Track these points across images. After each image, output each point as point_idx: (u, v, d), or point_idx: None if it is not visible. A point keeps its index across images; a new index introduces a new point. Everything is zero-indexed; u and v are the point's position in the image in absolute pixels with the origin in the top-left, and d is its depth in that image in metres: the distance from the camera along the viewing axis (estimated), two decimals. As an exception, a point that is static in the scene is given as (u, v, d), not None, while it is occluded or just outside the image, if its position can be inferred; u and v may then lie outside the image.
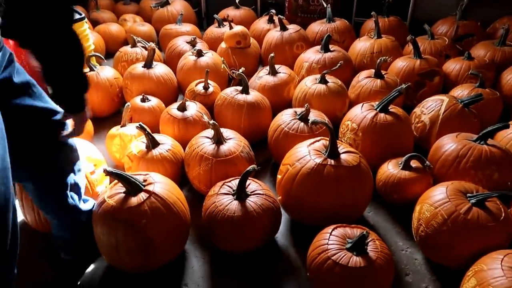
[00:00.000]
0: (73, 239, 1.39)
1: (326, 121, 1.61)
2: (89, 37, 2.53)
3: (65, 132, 1.23)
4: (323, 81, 2.04)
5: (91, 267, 1.43)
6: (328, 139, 1.52)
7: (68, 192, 1.30)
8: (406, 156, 1.60)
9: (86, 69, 2.26)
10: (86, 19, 2.47)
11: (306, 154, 1.49)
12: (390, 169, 1.63)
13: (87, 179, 1.53)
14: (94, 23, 3.27)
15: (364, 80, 2.10)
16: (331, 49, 2.34)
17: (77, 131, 1.24)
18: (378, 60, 2.04)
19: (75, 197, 1.34)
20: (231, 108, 1.95)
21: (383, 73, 2.10)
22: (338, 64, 2.04)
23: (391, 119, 1.72)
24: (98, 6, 3.42)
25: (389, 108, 1.77)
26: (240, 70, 2.15)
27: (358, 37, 2.74)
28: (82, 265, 1.43)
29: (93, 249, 1.37)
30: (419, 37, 2.48)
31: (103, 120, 2.31)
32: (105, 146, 1.97)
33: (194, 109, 1.95)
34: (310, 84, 2.05)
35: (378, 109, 1.76)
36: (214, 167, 1.59)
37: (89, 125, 2.06)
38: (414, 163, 1.61)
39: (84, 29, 2.45)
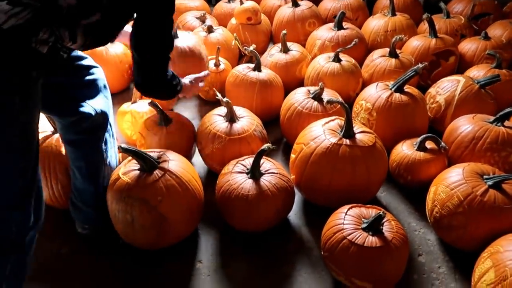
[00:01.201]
0: (97, 195, 1.38)
1: (340, 100, 1.59)
2: (97, 11, 2.48)
3: None
4: (336, 59, 2.00)
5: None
6: (343, 118, 1.51)
7: (105, 135, 1.37)
8: (421, 137, 1.58)
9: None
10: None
11: (321, 133, 1.47)
12: (405, 150, 1.61)
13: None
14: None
15: (378, 59, 2.06)
16: (344, 27, 2.28)
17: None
18: (393, 39, 1.99)
19: (108, 145, 1.39)
20: (243, 85, 1.92)
21: (397, 52, 2.06)
22: (353, 42, 1.99)
23: (406, 99, 1.70)
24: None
25: (404, 88, 1.74)
26: (251, 47, 2.11)
27: (371, 15, 2.68)
28: (97, 240, 1.45)
29: (108, 223, 1.37)
30: (434, 16, 2.42)
31: (113, 96, 2.27)
32: (115, 123, 1.96)
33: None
34: (323, 62, 2.01)
35: (393, 89, 1.73)
36: (227, 145, 1.58)
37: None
38: (429, 144, 1.60)
39: (92, 3, 2.40)
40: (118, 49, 2.26)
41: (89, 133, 1.30)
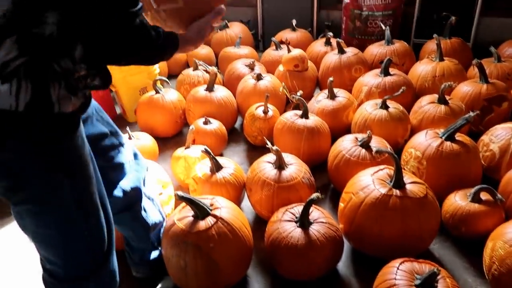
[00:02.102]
0: (148, 251, 1.46)
1: (391, 150, 1.60)
2: (155, 61, 2.68)
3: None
4: (384, 106, 2.02)
5: (159, 286, 1.50)
6: (392, 167, 1.51)
7: (142, 204, 1.38)
8: (476, 188, 1.54)
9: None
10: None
11: (370, 183, 1.48)
12: (458, 200, 1.57)
13: (156, 200, 1.62)
14: (157, 46, 3.45)
15: (427, 105, 2.05)
16: (391, 73, 2.31)
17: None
18: (442, 86, 1.99)
19: (148, 208, 1.41)
20: (291, 132, 1.98)
21: (447, 99, 2.04)
22: (401, 90, 2.01)
23: (458, 149, 1.67)
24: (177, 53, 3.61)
25: (455, 136, 1.72)
26: (298, 94, 2.19)
27: (418, 60, 2.69)
28: (151, 284, 1.51)
29: (162, 267, 1.44)
30: (484, 60, 2.39)
31: (167, 140, 2.43)
32: (169, 166, 2.07)
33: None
34: (370, 109, 2.04)
35: (443, 137, 1.71)
36: (276, 193, 1.62)
37: (154, 146, 2.18)
38: (484, 196, 1.55)
39: (151, 54, 2.60)
40: (173, 96, 2.42)
41: (124, 211, 1.30)
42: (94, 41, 0.84)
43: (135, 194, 1.32)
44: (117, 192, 1.24)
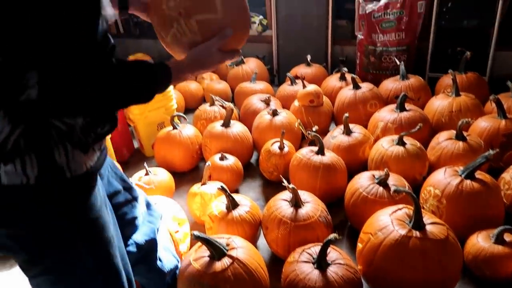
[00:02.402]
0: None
1: (409, 190, 1.58)
2: (173, 97, 2.75)
3: None
4: (400, 142, 2.01)
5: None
6: (410, 207, 1.48)
7: (157, 254, 1.38)
8: (499, 229, 1.50)
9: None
10: (171, 81, 2.70)
11: (389, 223, 1.45)
12: (481, 242, 1.53)
13: (172, 238, 1.62)
14: (175, 81, 3.54)
15: (444, 142, 2.03)
16: (407, 108, 2.31)
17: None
18: (460, 122, 1.97)
19: (163, 257, 1.41)
20: (307, 169, 1.98)
21: (465, 135, 2.02)
22: (417, 127, 2.00)
23: (478, 187, 1.64)
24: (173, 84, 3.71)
25: (475, 174, 1.69)
26: (314, 129, 2.20)
27: (433, 94, 2.69)
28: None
29: None
30: (502, 94, 2.37)
31: (183, 175, 2.45)
32: (185, 201, 2.08)
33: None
34: (387, 145, 2.03)
35: (463, 176, 1.68)
36: (292, 232, 1.60)
37: (170, 181, 2.20)
38: (508, 237, 1.50)
39: (169, 90, 2.68)
40: (190, 131, 2.46)
41: (139, 264, 1.28)
42: (81, 93, 0.76)
43: (150, 247, 1.30)
44: (131, 248, 1.22)
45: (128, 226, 1.21)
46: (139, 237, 1.25)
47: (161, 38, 1.11)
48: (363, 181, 1.81)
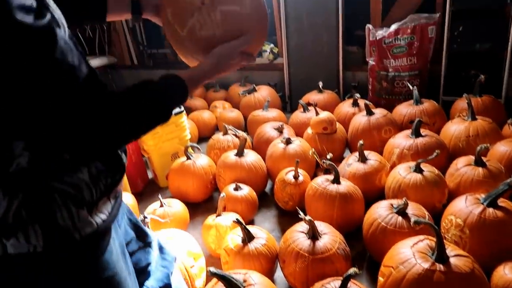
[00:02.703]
0: None
1: (430, 221, 1.53)
2: (186, 127, 2.77)
3: None
4: (418, 170, 1.97)
5: None
6: (432, 238, 1.44)
7: None
8: (527, 260, 1.44)
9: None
10: (184, 111, 2.73)
11: (411, 256, 1.40)
12: (508, 274, 1.46)
13: (187, 273, 1.59)
14: (188, 110, 3.58)
15: (463, 168, 1.98)
16: (422, 134, 2.28)
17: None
18: (478, 148, 1.93)
19: None
20: (323, 199, 1.94)
21: (484, 160, 1.98)
22: (434, 154, 1.96)
23: (502, 215, 1.58)
24: (191, 94, 3.77)
25: (498, 202, 1.64)
26: (328, 157, 2.18)
27: (449, 118, 2.66)
28: None
29: None
30: (519, 117, 2.33)
31: (197, 206, 2.43)
32: (199, 233, 2.05)
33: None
34: (404, 173, 1.99)
35: (485, 204, 1.63)
36: (310, 265, 1.56)
37: (185, 213, 2.18)
38: (537, 269, 1.43)
39: (182, 121, 2.70)
40: (204, 161, 2.46)
41: None
42: (79, 142, 0.69)
43: None
44: None
45: (141, 273, 1.16)
46: (153, 283, 1.19)
47: (173, 36, 0.99)
48: (381, 211, 1.76)
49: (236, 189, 2.18)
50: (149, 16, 1.08)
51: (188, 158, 2.44)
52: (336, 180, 2.00)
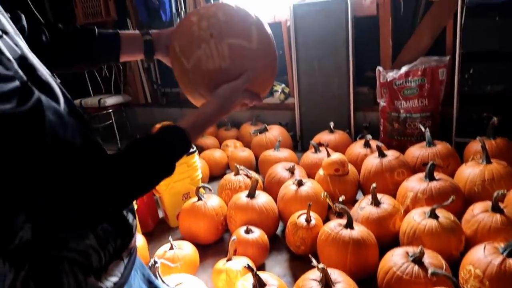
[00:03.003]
0: None
1: (448, 272, 1.48)
2: (198, 167, 2.78)
3: None
4: (433, 215, 1.93)
5: None
6: (451, 291, 1.39)
7: None
8: (552, 316, 1.37)
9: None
10: (196, 151, 2.75)
11: (429, 310, 1.35)
12: (533, 331, 1.39)
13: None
14: (199, 149, 3.61)
15: (480, 214, 1.94)
16: (436, 177, 2.25)
17: None
18: (495, 194, 1.89)
19: None
20: (336, 244, 1.90)
21: (501, 206, 1.93)
22: (450, 200, 1.93)
23: (523, 267, 1.53)
24: (195, 141, 3.81)
25: (517, 252, 1.59)
26: (340, 199, 2.16)
27: (462, 160, 2.63)
28: None
29: None
30: (536, 161, 2.29)
31: (207, 247, 2.40)
32: (209, 276, 2.01)
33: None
34: (419, 218, 1.95)
35: (505, 254, 1.58)
36: (324, 316, 1.51)
37: (195, 256, 2.15)
38: None
39: (194, 161, 2.72)
40: (215, 202, 2.45)
41: None
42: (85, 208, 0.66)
43: None
44: None
45: None
46: None
47: (179, 69, 1.00)
48: (397, 259, 1.72)
49: (247, 232, 2.15)
50: (161, 56, 1.10)
51: (200, 199, 2.43)
52: (349, 225, 1.97)
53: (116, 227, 0.78)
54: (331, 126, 3.24)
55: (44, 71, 0.67)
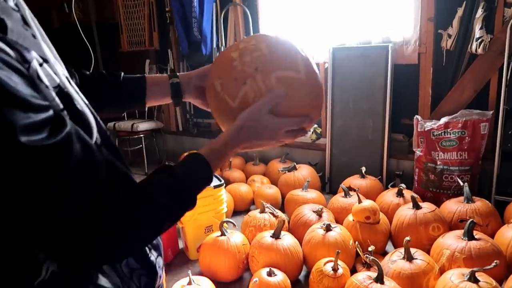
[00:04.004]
0: None
1: None
2: (224, 200, 2.73)
3: None
4: (472, 279, 1.78)
5: None
6: None
7: None
8: None
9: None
10: (224, 185, 2.71)
11: None
12: None
13: None
14: (226, 181, 3.57)
15: (525, 283, 1.78)
16: (476, 237, 2.10)
17: None
18: (543, 262, 1.74)
19: None
20: (365, 299, 1.78)
21: (549, 276, 1.77)
22: (493, 264, 1.79)
23: None
24: (231, 165, 3.79)
25: None
26: (370, 249, 2.05)
27: (502, 220, 2.47)
28: None
29: None
30: None
31: (226, 285, 2.30)
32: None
33: None
34: (457, 281, 1.81)
35: (556, 332, 1.42)
36: None
37: (213, 294, 2.06)
38: None
39: (221, 194, 2.67)
40: (238, 239, 2.37)
41: None
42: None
43: None
44: None
45: None
46: None
47: (222, 108, 0.93)
48: (432, 323, 1.58)
49: (269, 274, 2.05)
50: (191, 98, 1.07)
51: (223, 234, 2.37)
52: (380, 279, 1.84)
53: (140, 264, 0.74)
54: (363, 171, 3.15)
55: (80, 100, 0.65)
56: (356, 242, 2.14)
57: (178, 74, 1.05)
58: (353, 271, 2.25)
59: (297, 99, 0.88)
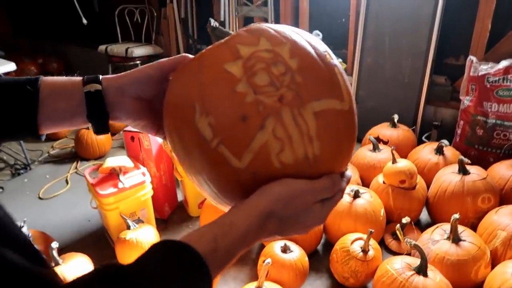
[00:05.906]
0: None
1: None
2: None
3: None
4: (542, 278, 1.42)
5: None
6: None
7: None
8: None
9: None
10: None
11: None
12: None
13: None
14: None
15: None
16: (539, 216, 1.71)
17: None
18: None
19: None
20: (404, 295, 1.43)
21: None
22: None
23: None
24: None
25: None
26: (404, 220, 1.76)
27: None
28: None
29: None
30: None
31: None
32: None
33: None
34: (521, 279, 1.45)
35: None
36: None
37: None
38: None
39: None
40: None
41: None
42: None
43: None
44: None
45: None
46: None
47: (211, 168, 0.52)
48: None
49: (284, 250, 1.70)
50: (124, 119, 0.61)
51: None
52: (423, 271, 1.48)
53: None
54: (395, 120, 2.68)
55: None
56: (398, 225, 1.76)
57: (101, 77, 0.58)
58: (380, 242, 1.90)
59: (335, 144, 0.54)
